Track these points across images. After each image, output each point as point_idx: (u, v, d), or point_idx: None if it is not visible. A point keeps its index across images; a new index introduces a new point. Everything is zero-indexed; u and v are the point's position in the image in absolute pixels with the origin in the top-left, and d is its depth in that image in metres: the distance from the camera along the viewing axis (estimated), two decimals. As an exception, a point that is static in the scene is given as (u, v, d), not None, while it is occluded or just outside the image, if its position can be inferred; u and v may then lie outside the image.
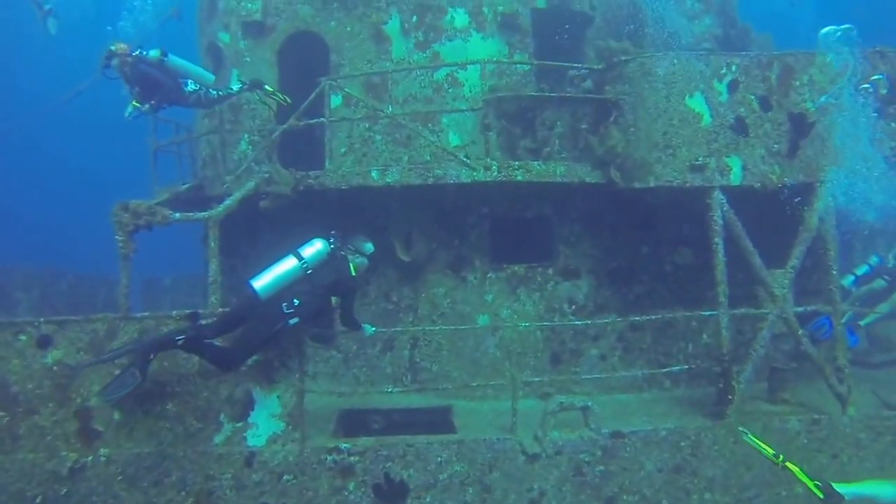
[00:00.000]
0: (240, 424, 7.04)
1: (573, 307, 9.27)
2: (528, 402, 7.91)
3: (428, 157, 9.02)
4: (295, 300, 6.41)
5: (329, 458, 7.12)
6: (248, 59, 10.00)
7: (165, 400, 6.93)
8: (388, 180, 8.19)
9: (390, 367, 9.17)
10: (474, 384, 8.44)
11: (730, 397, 7.80)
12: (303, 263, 6.52)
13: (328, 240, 6.72)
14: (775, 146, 7.88)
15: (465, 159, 8.21)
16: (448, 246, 9.12)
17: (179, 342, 6.34)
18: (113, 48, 8.34)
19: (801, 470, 6.22)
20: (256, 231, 9.62)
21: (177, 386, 6.88)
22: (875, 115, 7.94)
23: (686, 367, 8.62)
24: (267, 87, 9.18)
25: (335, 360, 9.30)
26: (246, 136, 9.98)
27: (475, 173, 8.09)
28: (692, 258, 9.21)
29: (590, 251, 9.30)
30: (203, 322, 6.72)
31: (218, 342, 6.64)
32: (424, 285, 9.20)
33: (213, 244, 7.46)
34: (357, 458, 7.14)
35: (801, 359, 8.35)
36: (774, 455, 6.37)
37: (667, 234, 9.32)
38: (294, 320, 6.45)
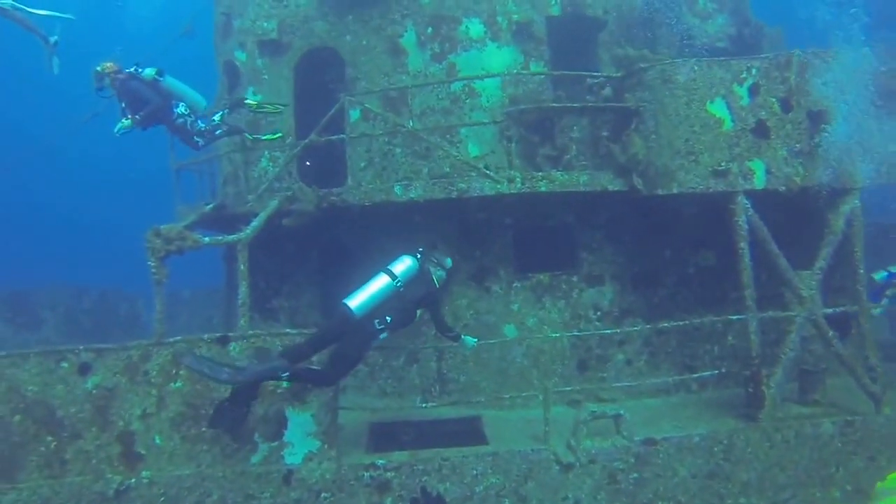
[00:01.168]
0: (276, 443, 7.13)
1: (598, 313, 9.28)
2: (557, 409, 7.93)
3: (448, 169, 9.05)
4: (387, 317, 6.59)
5: (366, 474, 7.19)
6: (265, 77, 10.06)
7: (200, 422, 7.01)
8: (412, 196, 8.23)
9: (418, 378, 9.21)
10: (506, 396, 8.47)
11: (762, 400, 7.80)
12: (395, 280, 6.70)
13: (415, 255, 6.94)
14: (797, 145, 7.86)
15: (487, 171, 8.23)
16: (469, 257, 9.14)
17: (284, 377, 6.50)
18: (99, 69, 8.33)
19: None
20: (278, 247, 9.68)
21: (210, 409, 6.93)
22: None
23: (716, 371, 8.60)
24: (248, 101, 9.15)
25: (362, 372, 9.35)
26: (266, 152, 10.04)
27: (499, 186, 8.12)
28: (714, 260, 9.23)
29: (612, 257, 9.31)
30: (297, 343, 6.87)
31: (315, 366, 6.85)
32: (447, 297, 9.24)
33: (242, 267, 7.52)
34: (393, 474, 7.21)
35: (830, 359, 8.36)
36: None
37: (688, 236, 9.31)
38: (384, 335, 6.66)
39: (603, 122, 8.77)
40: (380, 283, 6.67)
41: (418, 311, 6.96)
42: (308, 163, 9.99)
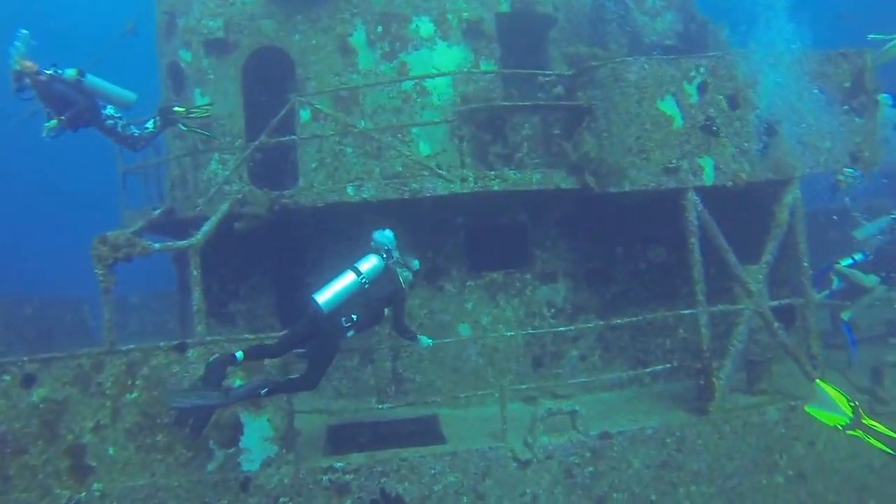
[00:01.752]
0: (232, 450, 6.99)
1: (552, 310, 9.38)
2: (513, 406, 7.95)
3: (400, 168, 9.01)
4: (353, 314, 6.59)
5: (325, 477, 7.12)
6: (211, 77, 9.81)
7: (155, 432, 6.85)
8: (365, 196, 8.16)
9: (373, 378, 9.16)
10: (462, 395, 8.49)
11: (712, 392, 8.00)
12: (361, 278, 6.71)
13: (381, 255, 6.95)
14: (745, 145, 8.07)
15: (439, 171, 8.22)
16: (422, 257, 9.00)
17: (264, 394, 6.54)
18: (18, 67, 7.85)
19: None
20: (231, 251, 9.49)
21: (165, 416, 6.79)
22: None
23: (668, 365, 8.78)
24: (176, 108, 8.89)
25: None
26: (216, 154, 9.82)
27: (452, 185, 8.12)
28: (665, 255, 9.41)
29: (565, 254, 9.42)
30: (268, 343, 6.86)
31: (293, 375, 6.93)
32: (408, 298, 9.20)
33: (195, 272, 7.32)
34: (352, 476, 7.16)
35: (775, 348, 8.64)
36: (850, 406, 6.27)
37: (640, 233, 9.48)
38: (350, 333, 6.65)
39: (555, 119, 8.85)
40: (346, 280, 6.67)
41: (385, 311, 6.98)
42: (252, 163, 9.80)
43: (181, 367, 6.89)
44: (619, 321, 8.59)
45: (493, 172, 8.40)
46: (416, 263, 7.30)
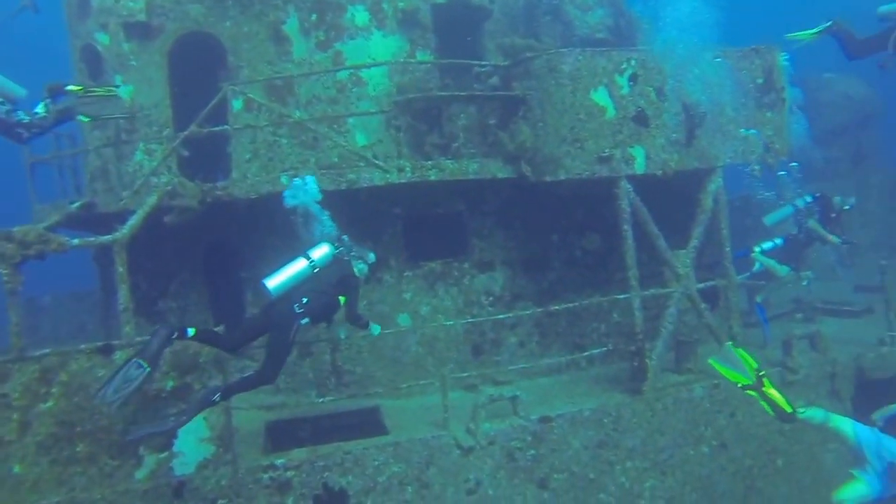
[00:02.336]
0: (164, 455, 6.62)
1: (490, 298, 9.50)
2: (454, 394, 8.04)
3: (336, 159, 8.90)
4: (304, 298, 6.55)
5: (265, 475, 6.95)
6: (133, 63, 9.38)
7: (74, 442, 6.31)
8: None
9: (312, 372, 9.05)
10: (403, 385, 8.50)
11: (645, 373, 8.32)
12: (311, 263, 6.74)
13: (334, 244, 6.99)
14: (673, 135, 8.37)
15: (376, 161, 8.17)
16: (360, 248, 9.07)
17: (218, 400, 6.26)
18: None
19: (778, 393, 6.56)
20: (160, 246, 9.15)
21: (87, 423, 6.30)
22: None
23: (604, 349, 9.06)
24: (71, 87, 8.37)
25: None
26: (142, 145, 9.40)
27: (388, 175, 8.09)
28: (599, 242, 9.67)
29: (503, 243, 9.54)
30: (222, 333, 6.62)
31: (249, 370, 6.81)
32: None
33: (121, 269, 6.95)
34: (294, 472, 7.04)
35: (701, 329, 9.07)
36: (753, 372, 6.63)
37: (574, 221, 9.71)
38: (305, 320, 6.58)
39: (490, 110, 8.93)
40: (297, 266, 6.70)
41: (341, 299, 6.97)
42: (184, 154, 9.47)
43: (107, 371, 6.32)
44: (556, 307, 8.78)
45: (429, 162, 8.43)
46: (371, 256, 7.37)
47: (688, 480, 8.36)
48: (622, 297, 8.56)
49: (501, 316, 8.94)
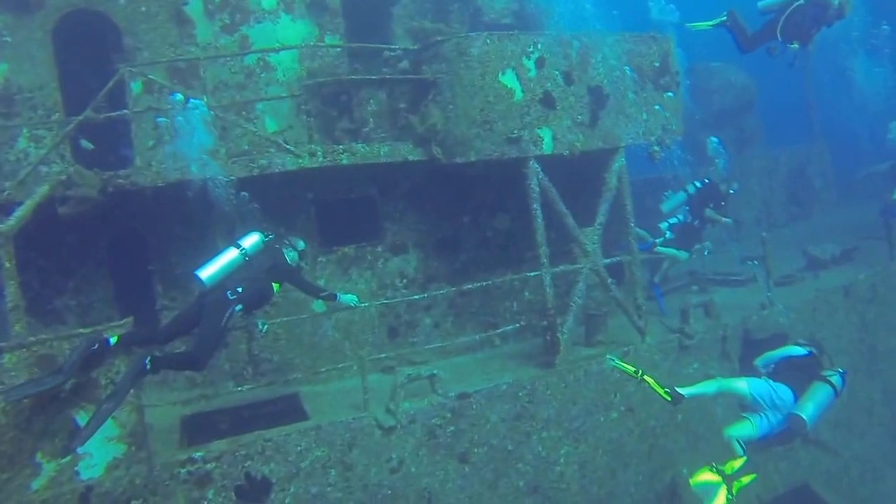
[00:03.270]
0: (67, 459, 6.21)
1: (404, 281, 9.60)
2: (372, 376, 8.11)
3: (246, 146, 8.71)
4: (238, 287, 6.69)
5: (183, 470, 6.75)
6: (8, 40, 8.58)
7: None
8: (210, 174, 7.79)
9: (228, 363, 8.86)
10: (322, 369, 8.47)
11: (557, 346, 8.67)
12: (242, 252, 6.89)
13: (264, 233, 7.13)
14: (579, 117, 8.71)
15: (288, 146, 8.06)
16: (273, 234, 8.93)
17: (148, 369, 6.15)
18: None
19: (654, 380, 7.26)
20: (55, 240, 8.65)
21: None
22: None
23: (517, 325, 9.34)
24: None
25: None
26: (25, 130, 8.81)
27: (300, 160, 8.01)
28: (509, 223, 9.95)
29: (415, 226, 9.64)
30: (148, 329, 6.79)
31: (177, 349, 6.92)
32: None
33: (8, 264, 6.49)
34: (214, 464, 6.89)
35: (609, 302, 9.53)
36: (635, 371, 7.28)
37: (484, 202, 9.93)
38: (239, 307, 6.70)
39: (401, 94, 8.97)
40: (229, 255, 6.87)
41: (275, 286, 7.12)
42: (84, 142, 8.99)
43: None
44: (469, 286, 8.99)
45: (341, 146, 8.40)
46: (300, 244, 7.60)
47: (599, 445, 8.81)
48: (533, 274, 8.86)
49: (416, 297, 9.07)
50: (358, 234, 9.38)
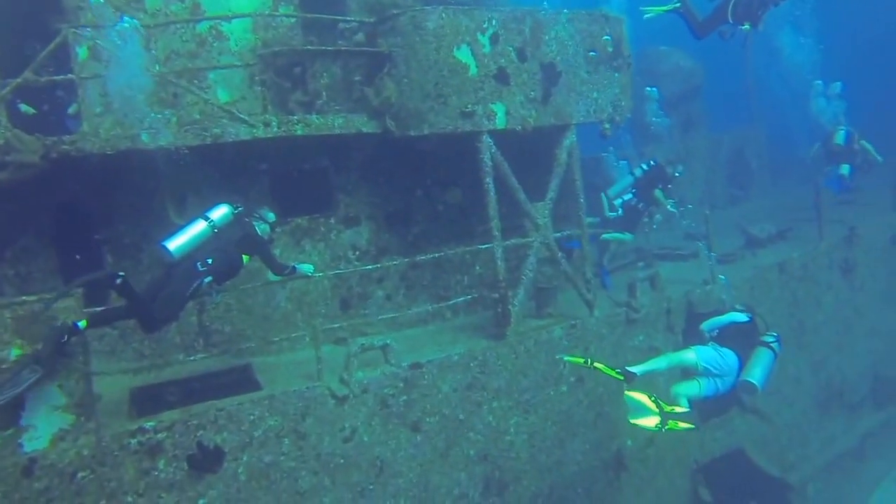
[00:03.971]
0: (9, 432, 6.08)
1: (357, 253, 9.64)
2: (325, 348, 8.13)
3: (198, 115, 8.57)
4: (208, 259, 6.74)
5: (133, 441, 6.69)
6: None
7: None
8: (161, 143, 7.64)
9: (178, 335, 8.77)
10: (276, 339, 8.49)
11: (508, 318, 8.86)
12: (211, 224, 6.88)
13: (233, 205, 7.13)
14: (532, 93, 8.85)
15: (243, 116, 7.97)
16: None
17: (119, 281, 6.13)
18: None
19: (605, 365, 7.65)
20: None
21: None
22: None
23: (469, 297, 9.51)
24: None
25: (111, 335, 8.62)
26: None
27: (255, 130, 7.94)
28: (461, 197, 10.07)
29: (368, 198, 9.67)
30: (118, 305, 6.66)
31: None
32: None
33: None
34: (165, 434, 6.86)
35: (559, 276, 9.79)
36: (585, 361, 7.67)
37: (437, 176, 10.01)
38: (208, 278, 6.77)
39: (356, 66, 8.95)
40: (197, 227, 6.88)
41: (245, 258, 7.22)
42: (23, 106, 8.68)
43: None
44: (422, 257, 9.10)
45: (295, 117, 8.35)
46: (270, 216, 7.69)
47: (548, 416, 9.09)
48: (485, 246, 9.02)
49: (370, 267, 9.14)
50: (311, 206, 9.37)
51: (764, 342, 8.16)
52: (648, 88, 14.96)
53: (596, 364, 7.65)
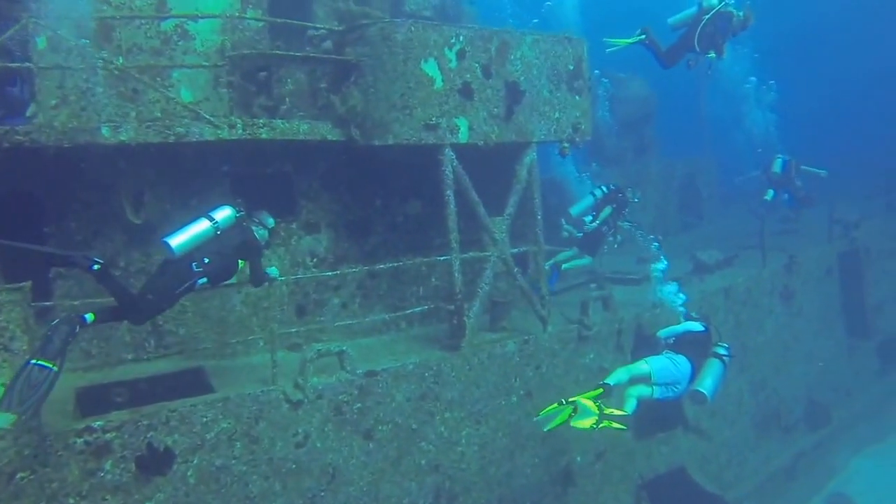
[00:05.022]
0: None
1: (315, 260, 9.63)
2: (279, 353, 8.10)
3: (159, 114, 8.50)
4: (205, 259, 6.64)
5: (79, 440, 6.56)
6: None
7: None
8: (123, 138, 7.53)
9: (129, 335, 8.60)
10: (231, 342, 8.42)
11: (464, 330, 8.98)
12: (214, 224, 6.76)
13: (235, 208, 7.04)
14: (495, 110, 9.05)
15: (207, 116, 7.94)
16: (184, 206, 8.75)
17: (96, 268, 6.04)
18: None
19: (581, 393, 7.81)
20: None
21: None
22: None
23: (426, 307, 9.59)
24: None
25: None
26: None
27: (220, 131, 7.90)
28: (420, 209, 10.18)
29: (328, 206, 9.68)
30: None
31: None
32: (157, 248, 8.73)
33: None
34: (114, 434, 6.73)
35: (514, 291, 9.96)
36: (559, 404, 7.74)
37: (397, 188, 10.10)
38: (202, 280, 6.67)
39: (322, 74, 8.99)
40: (200, 226, 6.77)
41: (240, 263, 7.15)
42: None
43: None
44: (382, 266, 9.18)
45: (261, 120, 8.35)
46: (270, 221, 7.68)
47: (499, 427, 9.20)
48: (443, 258, 9.14)
49: (328, 274, 9.15)
50: (272, 210, 9.28)
51: (716, 353, 8.55)
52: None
53: (574, 399, 7.72)
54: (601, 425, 7.60)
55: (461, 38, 8.71)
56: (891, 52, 42.56)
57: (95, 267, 6.05)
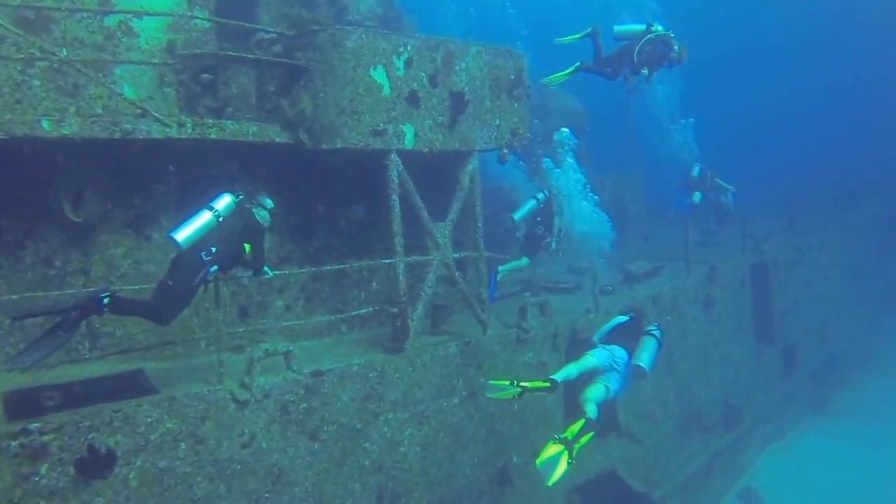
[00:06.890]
0: None
1: (259, 262, 9.61)
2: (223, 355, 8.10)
3: (100, 110, 8.36)
4: (212, 247, 6.84)
5: (13, 443, 6.33)
6: None
7: None
8: (65, 132, 7.37)
9: (62, 337, 8.34)
10: (174, 342, 8.31)
11: (407, 332, 9.15)
12: (216, 214, 6.92)
13: (235, 194, 7.18)
14: (440, 118, 9.33)
15: (155, 114, 7.87)
16: (127, 205, 8.65)
17: (107, 305, 6.21)
18: None
19: (531, 381, 8.17)
20: None
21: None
22: None
23: (371, 309, 9.72)
24: None
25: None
26: None
27: (169, 129, 7.85)
28: (363, 215, 10.32)
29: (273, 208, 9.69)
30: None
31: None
32: (97, 247, 8.59)
33: None
34: (52, 436, 6.52)
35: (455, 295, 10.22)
36: (511, 383, 8.07)
37: (340, 193, 10.21)
38: (213, 267, 7.05)
39: (271, 77, 9.05)
40: (203, 218, 6.94)
41: (247, 247, 7.35)
42: None
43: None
44: (327, 268, 9.26)
45: (210, 121, 8.34)
46: (268, 202, 7.77)
47: (441, 428, 9.37)
48: (388, 261, 9.31)
49: (272, 274, 9.12)
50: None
51: (648, 332, 9.11)
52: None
53: (522, 384, 8.04)
54: (575, 453, 7.88)
55: (409, 47, 8.96)
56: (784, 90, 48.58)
57: (106, 301, 6.29)
